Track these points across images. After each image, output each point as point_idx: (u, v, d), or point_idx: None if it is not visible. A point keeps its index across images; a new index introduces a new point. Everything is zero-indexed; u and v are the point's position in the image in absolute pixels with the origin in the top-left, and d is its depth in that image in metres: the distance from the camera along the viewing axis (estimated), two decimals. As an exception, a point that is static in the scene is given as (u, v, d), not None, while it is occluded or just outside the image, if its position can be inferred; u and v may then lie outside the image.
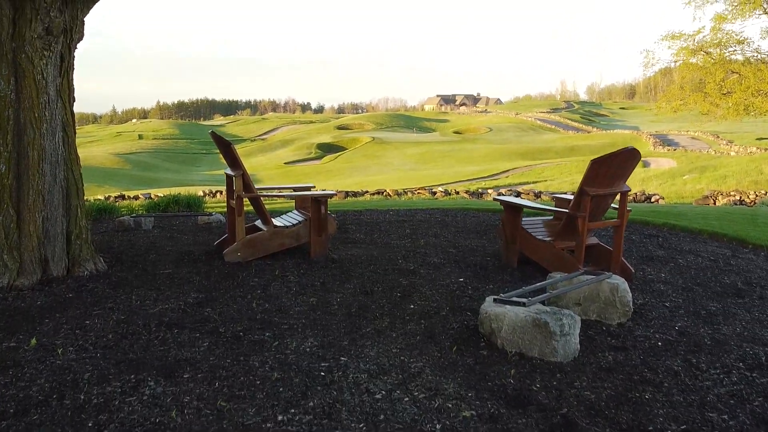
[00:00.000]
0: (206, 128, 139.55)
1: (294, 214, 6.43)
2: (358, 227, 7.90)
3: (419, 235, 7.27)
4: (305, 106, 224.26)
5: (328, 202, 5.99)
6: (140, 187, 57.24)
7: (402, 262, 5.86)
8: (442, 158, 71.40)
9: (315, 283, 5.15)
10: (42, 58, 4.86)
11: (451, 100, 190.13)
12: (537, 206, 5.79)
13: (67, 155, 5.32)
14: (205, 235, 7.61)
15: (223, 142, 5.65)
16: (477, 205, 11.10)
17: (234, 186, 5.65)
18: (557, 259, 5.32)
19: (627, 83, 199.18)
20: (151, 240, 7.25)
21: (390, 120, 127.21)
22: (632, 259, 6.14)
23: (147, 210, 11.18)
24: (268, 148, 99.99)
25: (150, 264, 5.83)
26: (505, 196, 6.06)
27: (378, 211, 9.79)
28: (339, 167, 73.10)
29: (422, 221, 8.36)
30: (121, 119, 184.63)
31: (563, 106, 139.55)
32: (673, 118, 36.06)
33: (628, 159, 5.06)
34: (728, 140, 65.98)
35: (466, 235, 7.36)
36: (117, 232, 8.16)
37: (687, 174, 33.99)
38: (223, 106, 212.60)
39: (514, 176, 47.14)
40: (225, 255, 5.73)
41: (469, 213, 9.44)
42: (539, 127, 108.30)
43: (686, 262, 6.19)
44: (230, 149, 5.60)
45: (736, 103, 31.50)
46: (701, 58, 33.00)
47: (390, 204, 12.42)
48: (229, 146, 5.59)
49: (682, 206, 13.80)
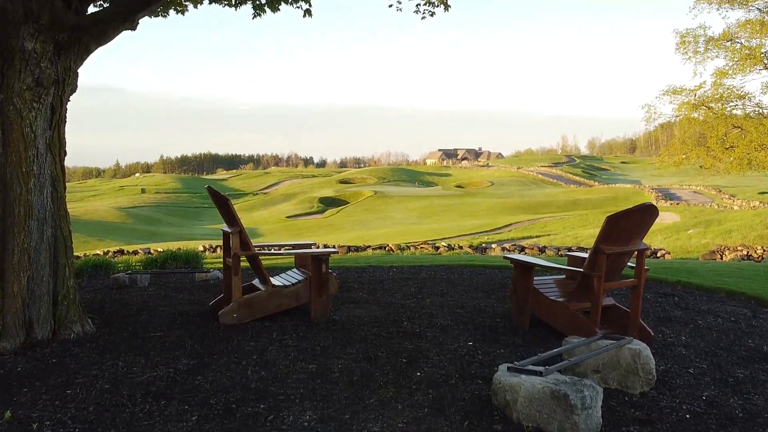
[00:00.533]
0: (209, 182, 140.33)
1: (293, 273, 6.15)
2: (361, 285, 7.60)
3: (425, 294, 6.96)
4: (308, 160, 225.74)
5: (329, 259, 5.71)
6: (142, 241, 57.06)
7: (407, 323, 5.55)
8: (444, 212, 71.32)
9: (315, 347, 4.84)
10: (31, 110, 4.67)
11: (453, 155, 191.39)
12: (550, 265, 5.50)
13: (55, 211, 5.08)
14: (201, 293, 7.32)
15: (220, 198, 5.41)
16: (482, 261, 10.81)
17: (231, 243, 5.39)
18: (572, 321, 5.02)
19: (627, 138, 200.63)
20: (144, 299, 6.96)
21: (392, 174, 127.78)
22: (649, 320, 5.83)
23: (144, 266, 10.92)
24: (271, 202, 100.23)
25: (141, 326, 5.53)
26: (515, 254, 5.76)
27: (381, 268, 9.50)
28: (341, 221, 73.03)
29: (427, 279, 8.06)
30: (125, 173, 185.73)
31: (564, 160, 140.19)
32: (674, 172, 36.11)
33: (645, 215, 4.81)
34: (731, 194, 65.96)
35: (474, 293, 7.06)
36: (111, 290, 7.89)
37: (691, 228, 33.73)
38: (226, 160, 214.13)
39: (517, 230, 46.88)
40: (220, 316, 5.43)
41: (475, 270, 9.14)
42: (541, 181, 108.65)
43: (706, 323, 5.87)
44: (227, 205, 5.36)
45: (739, 157, 31.44)
46: (703, 113, 33.12)
47: (393, 260, 12.13)
48: (227, 202, 5.35)
49: (692, 262, 13.51)
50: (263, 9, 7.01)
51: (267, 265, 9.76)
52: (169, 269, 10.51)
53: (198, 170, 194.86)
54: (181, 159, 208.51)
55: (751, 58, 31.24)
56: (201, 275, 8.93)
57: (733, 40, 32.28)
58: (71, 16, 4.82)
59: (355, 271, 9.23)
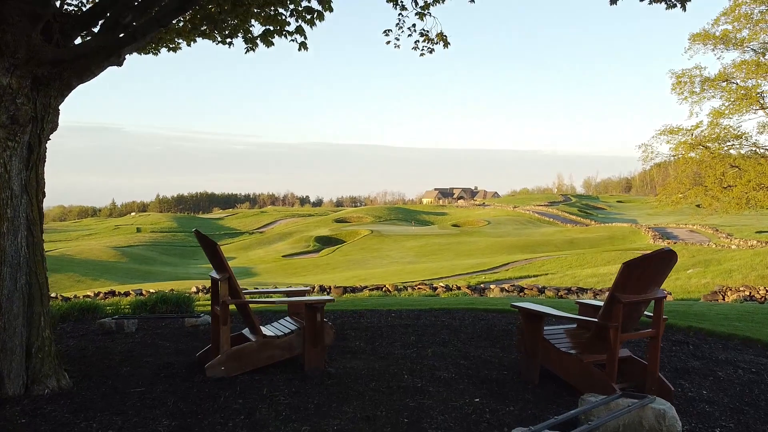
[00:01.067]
0: (205, 221, 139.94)
1: (286, 321, 5.77)
2: (358, 333, 7.20)
3: (425, 343, 6.56)
4: (304, 199, 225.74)
5: (324, 307, 5.34)
6: (137, 280, 56.47)
7: (408, 377, 5.16)
8: (441, 251, 70.94)
9: (308, 405, 4.45)
10: (6, 149, 4.36)
11: (449, 194, 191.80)
12: (561, 315, 5.13)
13: (31, 257, 4.73)
14: (189, 341, 6.93)
15: (208, 242, 5.07)
16: (483, 305, 10.44)
17: (219, 290, 5.04)
18: (585, 375, 4.65)
19: (623, 177, 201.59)
20: (129, 347, 6.57)
21: (388, 213, 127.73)
22: (666, 372, 5.46)
23: (134, 309, 10.53)
24: (267, 241, 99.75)
25: (122, 380, 5.14)
26: (523, 302, 5.38)
27: (379, 312, 9.12)
28: (337, 260, 72.54)
29: (427, 325, 7.65)
30: (121, 212, 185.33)
31: (561, 200, 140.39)
32: (670, 212, 35.91)
33: (664, 261, 4.49)
34: (727, 233, 65.81)
35: (477, 342, 6.66)
36: (96, 336, 7.52)
37: (691, 268, 33.41)
38: (222, 199, 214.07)
39: (514, 269, 46.48)
40: (207, 370, 5.05)
41: (477, 314, 8.77)
42: (537, 220, 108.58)
43: (726, 375, 5.50)
44: (215, 250, 5.02)
45: (737, 197, 31.31)
46: (700, 152, 33.10)
47: (390, 302, 11.76)
48: (214, 246, 5.01)
49: (698, 305, 13.11)
50: (255, 43, 6.77)
51: (258, 309, 9.39)
52: (158, 313, 10.15)
53: (194, 209, 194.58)
54: (177, 198, 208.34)
55: (747, 99, 31.34)
56: (191, 320, 8.58)
57: (729, 80, 32.43)
58: (50, 50, 4.54)
59: (352, 315, 8.85)
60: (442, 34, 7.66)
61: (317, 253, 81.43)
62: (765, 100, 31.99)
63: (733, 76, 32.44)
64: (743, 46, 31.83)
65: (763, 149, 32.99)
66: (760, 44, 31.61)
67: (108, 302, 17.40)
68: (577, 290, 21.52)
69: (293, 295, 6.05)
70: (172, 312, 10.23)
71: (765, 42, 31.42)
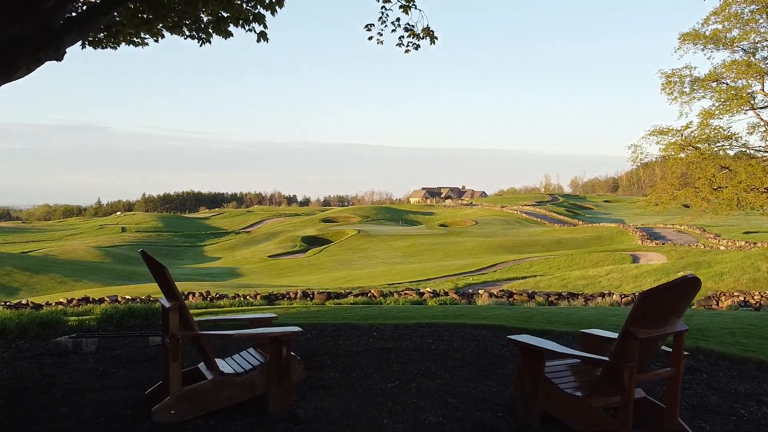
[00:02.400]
0: (191, 221, 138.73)
1: (249, 355, 5.01)
2: (334, 360, 6.43)
3: (409, 375, 5.80)
4: (291, 198, 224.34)
5: (291, 341, 4.61)
6: (120, 281, 55.48)
7: (388, 421, 4.43)
8: (428, 251, 70.33)
9: (269, 461, 3.76)
10: None
11: (437, 193, 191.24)
12: (566, 352, 4.43)
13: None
14: (146, 369, 6.20)
15: (155, 265, 4.36)
16: (471, 317, 9.78)
17: (169, 321, 4.32)
18: (595, 422, 3.98)
19: (610, 177, 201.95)
20: (76, 378, 5.83)
21: (376, 213, 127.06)
22: (682, 410, 4.78)
23: (100, 322, 9.82)
24: (253, 241, 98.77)
25: (56, 423, 4.42)
26: (522, 336, 4.63)
27: (359, 329, 8.42)
28: (323, 261, 71.74)
29: (412, 350, 6.89)
30: (106, 211, 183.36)
31: (548, 199, 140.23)
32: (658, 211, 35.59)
33: (687, 289, 3.82)
34: (715, 234, 65.62)
35: (467, 372, 5.93)
36: (49, 358, 6.83)
37: (681, 270, 32.93)
38: (209, 198, 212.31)
39: (502, 271, 45.88)
40: (154, 414, 4.32)
41: (466, 332, 8.07)
42: (525, 220, 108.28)
43: (749, 413, 4.85)
44: (164, 274, 4.31)
45: (728, 198, 30.92)
46: (690, 153, 32.71)
47: (375, 314, 11.08)
48: (163, 270, 4.30)
49: (696, 314, 12.49)
50: (209, 33, 6.01)
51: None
52: (126, 326, 9.51)
53: (181, 209, 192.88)
54: (164, 197, 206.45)
55: (738, 99, 30.95)
56: (155, 339, 7.94)
57: (719, 80, 32.04)
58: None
59: (330, 332, 8.15)
60: (429, 28, 6.96)
61: (304, 253, 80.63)
62: (755, 101, 31.62)
63: (723, 76, 32.05)
64: (733, 46, 31.44)
65: (752, 150, 32.66)
66: (750, 44, 31.25)
67: (80, 309, 16.62)
68: (568, 295, 20.92)
69: (257, 323, 5.28)
70: (140, 326, 9.56)
71: (755, 42, 31.06)
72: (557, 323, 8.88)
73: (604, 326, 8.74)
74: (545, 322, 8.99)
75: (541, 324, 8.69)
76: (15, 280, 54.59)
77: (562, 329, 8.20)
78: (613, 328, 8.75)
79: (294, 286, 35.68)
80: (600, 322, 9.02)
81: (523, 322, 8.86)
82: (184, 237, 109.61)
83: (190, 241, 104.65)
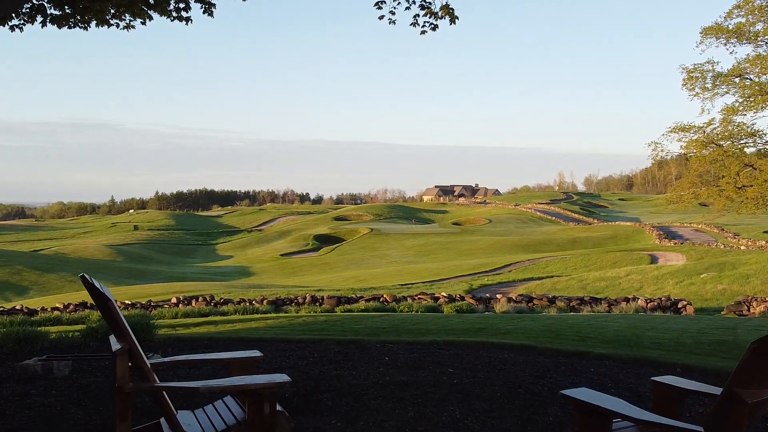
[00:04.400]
0: (203, 219, 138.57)
1: (224, 406, 3.90)
2: (337, 400, 5.36)
3: (428, 424, 4.69)
4: (304, 196, 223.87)
5: (277, 394, 3.56)
6: (130, 280, 54.99)
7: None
8: (441, 250, 69.45)
9: None
10: None
11: (450, 191, 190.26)
12: (643, 418, 3.31)
13: None
14: (113, 408, 5.32)
15: (98, 295, 3.44)
16: (494, 333, 8.93)
17: (116, 369, 3.41)
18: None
19: (624, 174, 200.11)
20: (33, 415, 4.95)
21: (388, 211, 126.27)
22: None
23: (84, 336, 9.04)
24: (265, 239, 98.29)
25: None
26: (579, 391, 3.43)
27: (369, 351, 7.50)
28: (336, 259, 71.02)
29: (431, 385, 5.84)
30: (120, 209, 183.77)
31: (562, 197, 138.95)
32: (674, 209, 34.58)
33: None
34: (734, 233, 64.20)
35: (500, 419, 4.81)
36: (10, 385, 6.02)
37: (704, 272, 31.86)
38: (222, 196, 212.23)
39: (517, 271, 44.86)
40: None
41: (492, 356, 7.13)
42: (539, 218, 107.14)
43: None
44: (108, 306, 3.41)
45: (753, 197, 29.92)
46: (712, 151, 31.72)
47: (386, 325, 10.26)
48: (106, 302, 3.40)
49: (730, 322, 11.54)
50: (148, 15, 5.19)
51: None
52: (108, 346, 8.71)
53: (194, 207, 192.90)
54: (177, 195, 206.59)
55: (762, 95, 29.88)
56: (143, 359, 7.05)
57: (743, 76, 30.98)
58: None
59: (335, 356, 7.25)
60: (448, 6, 6.08)
61: (316, 251, 79.99)
62: (780, 97, 30.57)
63: (746, 72, 30.95)
64: (757, 40, 30.33)
65: (777, 147, 31.62)
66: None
67: (76, 316, 15.94)
68: (591, 300, 19.99)
69: (237, 365, 4.24)
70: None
71: (780, 36, 30.01)
72: (591, 340, 7.98)
73: (644, 344, 7.84)
74: (577, 339, 8.08)
75: (573, 342, 7.78)
76: (25, 279, 54.31)
77: (600, 350, 7.24)
78: (654, 347, 7.85)
79: (305, 287, 34.94)
80: (638, 339, 8.11)
81: (552, 340, 7.96)
82: (197, 235, 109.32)
83: (202, 240, 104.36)
